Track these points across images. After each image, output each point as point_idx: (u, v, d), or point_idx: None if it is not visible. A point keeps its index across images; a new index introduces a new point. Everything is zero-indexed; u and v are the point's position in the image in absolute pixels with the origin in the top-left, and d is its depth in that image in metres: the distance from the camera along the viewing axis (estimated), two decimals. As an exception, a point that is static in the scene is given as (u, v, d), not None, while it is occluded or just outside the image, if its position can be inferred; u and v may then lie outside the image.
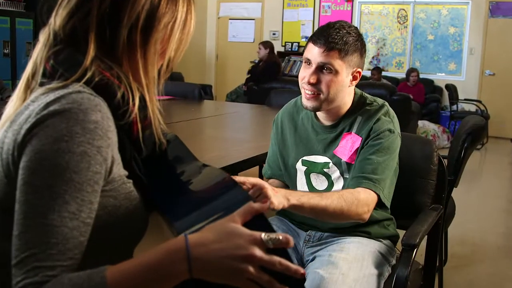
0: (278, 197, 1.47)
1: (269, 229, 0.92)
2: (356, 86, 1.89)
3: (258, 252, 0.88)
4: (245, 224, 0.92)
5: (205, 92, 8.43)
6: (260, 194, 1.42)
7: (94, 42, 1.02)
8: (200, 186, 1.10)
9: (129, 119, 1.02)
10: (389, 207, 1.79)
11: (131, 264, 0.89)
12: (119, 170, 1.01)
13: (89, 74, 0.98)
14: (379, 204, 1.75)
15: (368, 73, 9.14)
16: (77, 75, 0.98)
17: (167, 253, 0.89)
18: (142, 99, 1.05)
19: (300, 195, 1.56)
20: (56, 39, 1.04)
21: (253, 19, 11.17)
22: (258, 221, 0.93)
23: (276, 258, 0.89)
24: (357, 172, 1.76)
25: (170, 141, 1.22)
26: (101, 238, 0.99)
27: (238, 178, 1.41)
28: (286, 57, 10.26)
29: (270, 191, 1.43)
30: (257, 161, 2.42)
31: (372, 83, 7.35)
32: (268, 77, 7.62)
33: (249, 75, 8.13)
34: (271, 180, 2.07)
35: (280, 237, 0.90)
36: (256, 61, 8.53)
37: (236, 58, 11.15)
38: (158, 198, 1.08)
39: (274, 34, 10.96)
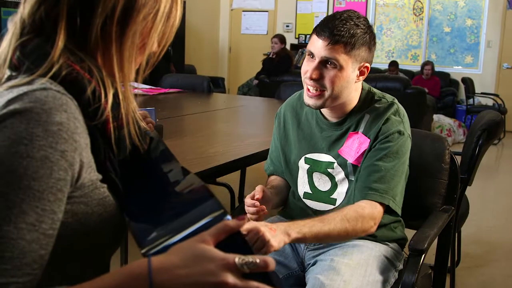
0: (277, 236, 1.40)
1: (246, 250, 0.82)
2: (370, 79, 1.77)
3: (230, 278, 0.78)
4: (219, 245, 0.82)
5: (217, 84, 8.40)
6: (258, 239, 1.36)
7: (64, 32, 0.92)
8: (176, 195, 0.99)
9: (101, 117, 0.92)
10: (400, 213, 1.69)
11: (88, 286, 0.81)
12: (90, 175, 0.91)
13: (56, 68, 0.88)
14: (389, 211, 1.65)
15: (385, 66, 9.01)
16: (43, 69, 0.88)
17: (128, 278, 0.80)
18: (116, 96, 0.95)
19: (301, 226, 1.48)
20: (24, 28, 0.95)
21: (267, 11, 11.06)
22: (233, 242, 0.83)
23: (253, 284, 0.80)
24: (363, 181, 1.66)
25: (153, 142, 1.13)
26: (72, 248, 0.91)
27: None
28: (300, 50, 10.14)
29: (267, 234, 1.37)
30: (260, 157, 2.32)
31: (386, 76, 7.22)
32: (280, 70, 7.56)
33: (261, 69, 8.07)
34: (272, 177, 1.97)
35: (258, 261, 0.80)
36: (269, 53, 8.46)
37: (249, 50, 11.06)
38: (130, 205, 0.98)
39: (287, 26, 10.84)
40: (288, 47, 8.74)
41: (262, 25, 11.13)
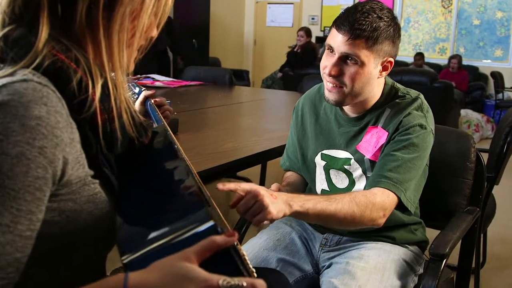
0: (278, 204, 1.27)
1: (234, 270, 0.75)
2: (396, 72, 1.67)
3: None
4: (205, 263, 0.76)
5: (242, 77, 8.35)
6: (256, 203, 1.24)
7: (47, 20, 0.86)
8: (170, 199, 0.92)
9: (90, 110, 0.86)
10: (412, 212, 1.58)
11: None
12: (78, 172, 0.85)
13: (39, 58, 0.83)
14: (402, 208, 1.54)
15: (412, 60, 8.86)
16: (27, 60, 0.83)
17: None
18: (106, 87, 0.89)
19: (305, 200, 1.36)
20: (7, 17, 0.89)
21: (292, 4, 10.96)
22: (220, 260, 0.76)
23: None
24: (378, 169, 1.55)
25: (156, 136, 1.06)
26: (61, 248, 0.86)
27: (229, 185, 1.23)
28: (325, 42, 10.01)
29: (267, 199, 1.24)
30: (278, 152, 2.26)
31: (412, 70, 7.11)
32: (304, 63, 7.50)
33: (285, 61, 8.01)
34: (288, 173, 1.90)
35: (245, 284, 0.73)
36: (293, 46, 8.40)
37: (274, 43, 10.98)
38: (122, 205, 0.92)
39: (313, 18, 10.74)
40: (313, 40, 8.66)
41: (288, 17, 11.04)
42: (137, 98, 1.69)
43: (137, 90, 1.74)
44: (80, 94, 0.85)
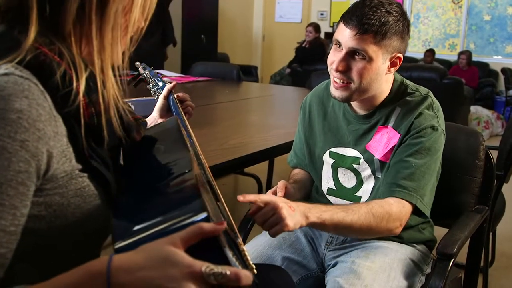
0: (295, 217, 1.28)
1: (220, 259, 0.75)
2: (405, 68, 1.64)
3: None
4: (191, 249, 0.75)
5: (250, 73, 8.33)
6: (274, 215, 1.25)
7: (36, 17, 0.85)
8: (166, 191, 0.92)
9: (75, 103, 0.85)
10: (428, 216, 1.57)
11: (47, 285, 0.75)
12: (64, 166, 0.85)
13: (23, 52, 0.82)
14: (417, 213, 1.53)
15: (421, 55, 8.81)
16: (11, 55, 0.82)
17: (86, 276, 0.74)
18: (91, 79, 0.88)
19: (322, 211, 1.36)
20: None
21: (301, -1, 10.91)
22: (207, 247, 0.75)
23: None
24: (391, 177, 1.54)
25: (162, 127, 1.06)
26: (52, 243, 0.86)
27: (249, 197, 1.26)
28: (333, 37, 9.96)
29: (285, 211, 1.25)
30: (284, 149, 2.24)
31: (422, 66, 7.04)
32: (313, 59, 7.47)
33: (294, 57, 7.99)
34: (296, 170, 1.88)
35: (228, 272, 0.72)
36: (302, 42, 8.37)
37: (283, 38, 10.93)
38: (119, 197, 0.93)
39: (322, 14, 10.68)
40: (322, 35, 8.62)
41: (296, 13, 10.98)
42: (161, 93, 1.69)
43: (161, 84, 1.74)
44: (64, 87, 0.84)
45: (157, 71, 4.88)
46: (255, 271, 0.92)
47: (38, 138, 0.78)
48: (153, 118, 1.68)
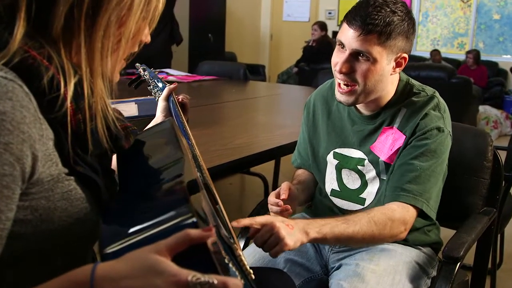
0: (294, 235, 1.27)
1: (208, 267, 0.73)
2: (413, 67, 1.62)
3: None
4: (178, 257, 0.73)
5: (258, 72, 8.31)
6: (272, 236, 1.23)
7: (24, 20, 0.83)
8: (155, 195, 0.90)
9: (62, 108, 0.82)
10: (434, 219, 1.55)
11: None
12: (50, 169, 0.83)
13: (9, 54, 0.80)
14: (423, 216, 1.51)
15: (428, 55, 8.76)
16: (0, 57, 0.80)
17: (71, 284, 0.73)
18: (79, 86, 0.86)
19: (321, 225, 1.35)
20: None
21: (309, -2, 10.88)
22: (194, 255, 0.73)
23: None
24: (395, 180, 1.52)
25: (154, 131, 1.03)
26: (37, 247, 0.84)
27: (244, 221, 1.24)
28: (336, 38, 9.91)
29: (282, 230, 1.24)
30: (289, 149, 2.22)
31: (430, 65, 7.01)
32: (320, 58, 7.44)
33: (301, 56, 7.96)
34: (300, 171, 1.86)
35: (215, 282, 0.70)
36: (309, 41, 8.34)
37: (290, 37, 10.91)
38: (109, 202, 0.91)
39: (330, 13, 10.64)
40: (330, 34, 8.58)
41: (304, 12, 10.95)
42: (161, 94, 1.68)
43: (160, 85, 1.73)
44: (51, 92, 0.82)
45: (164, 70, 4.86)
46: (252, 276, 0.90)
47: (22, 141, 0.76)
48: (159, 119, 1.66)
